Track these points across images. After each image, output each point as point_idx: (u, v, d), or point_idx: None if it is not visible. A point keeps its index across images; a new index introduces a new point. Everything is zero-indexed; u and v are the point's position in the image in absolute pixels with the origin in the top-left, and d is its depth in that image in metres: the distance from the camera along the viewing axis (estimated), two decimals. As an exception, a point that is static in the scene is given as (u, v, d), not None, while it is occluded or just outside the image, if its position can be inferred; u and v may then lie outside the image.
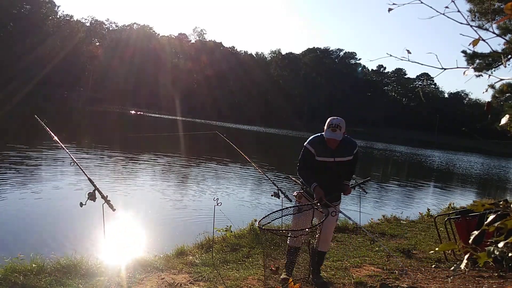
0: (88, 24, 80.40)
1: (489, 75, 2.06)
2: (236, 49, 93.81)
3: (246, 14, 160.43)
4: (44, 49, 60.62)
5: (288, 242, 3.86)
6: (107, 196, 3.75)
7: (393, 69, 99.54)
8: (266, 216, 3.75)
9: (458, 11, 1.54)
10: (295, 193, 4.10)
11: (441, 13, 1.56)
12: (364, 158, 32.09)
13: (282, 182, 13.00)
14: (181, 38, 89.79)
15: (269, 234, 3.82)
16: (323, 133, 3.82)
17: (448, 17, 1.57)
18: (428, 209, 9.43)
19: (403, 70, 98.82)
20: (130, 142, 18.89)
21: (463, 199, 14.44)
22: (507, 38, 7.86)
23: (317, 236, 3.84)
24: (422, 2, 1.61)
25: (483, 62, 9.07)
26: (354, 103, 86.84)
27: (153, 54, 79.09)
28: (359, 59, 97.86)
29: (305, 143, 3.88)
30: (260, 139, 37.58)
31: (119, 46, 75.12)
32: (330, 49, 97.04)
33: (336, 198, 3.96)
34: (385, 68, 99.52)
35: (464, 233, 5.12)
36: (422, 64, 1.73)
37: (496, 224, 1.42)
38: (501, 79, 1.61)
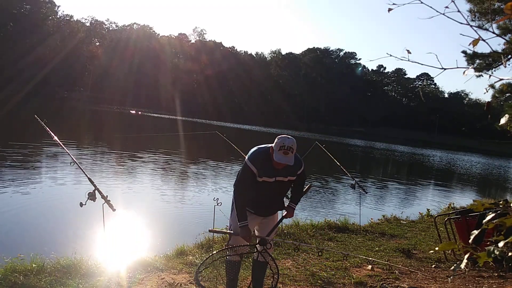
0: (88, 24, 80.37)
1: (489, 75, 2.06)
2: (236, 49, 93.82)
3: (246, 14, 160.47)
4: (44, 49, 60.56)
5: (227, 258, 3.41)
6: (107, 196, 3.75)
7: (393, 69, 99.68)
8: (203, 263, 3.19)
9: (458, 11, 1.54)
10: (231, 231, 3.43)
11: (441, 13, 1.56)
12: (364, 158, 32.08)
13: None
14: (181, 38, 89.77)
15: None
16: (268, 146, 3.29)
17: (448, 17, 1.57)
18: (428, 209, 9.45)
19: (403, 70, 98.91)
20: (130, 142, 18.89)
21: (463, 199, 14.44)
22: (507, 38, 7.86)
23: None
24: (422, 2, 1.61)
25: (483, 62, 9.06)
26: (354, 103, 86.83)
27: (153, 54, 79.07)
28: (359, 59, 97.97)
29: (247, 159, 3.26)
30: (260, 139, 37.57)
31: (119, 46, 75.09)
32: (330, 49, 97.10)
33: (270, 213, 3.47)
34: (385, 68, 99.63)
35: (464, 233, 5.12)
36: (422, 64, 1.73)
37: (495, 221, 1.42)
38: (501, 79, 1.61)
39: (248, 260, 4.73)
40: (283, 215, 3.53)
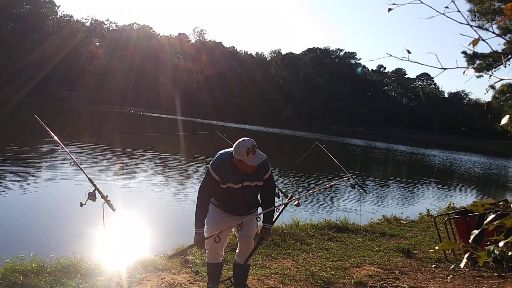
0: (88, 24, 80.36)
1: (490, 76, 2.06)
2: (236, 49, 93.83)
3: (246, 14, 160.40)
4: (44, 49, 60.55)
5: (207, 259, 3.42)
6: (107, 196, 3.75)
7: (393, 69, 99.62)
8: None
9: (458, 11, 1.54)
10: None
11: (441, 13, 1.56)
12: (365, 158, 32.08)
13: (282, 182, 13.01)
14: (181, 38, 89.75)
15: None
16: (230, 150, 3.24)
17: (448, 17, 1.57)
18: (428, 209, 9.45)
19: (403, 70, 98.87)
20: (130, 142, 18.88)
21: (463, 199, 14.45)
22: (507, 38, 7.85)
23: (237, 251, 3.46)
24: (422, 2, 1.61)
25: (483, 63, 9.06)
26: (354, 103, 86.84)
27: (153, 54, 79.05)
28: (359, 59, 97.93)
29: (210, 166, 3.22)
30: (260, 139, 37.60)
31: (119, 46, 75.08)
32: (330, 49, 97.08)
33: (245, 212, 3.34)
34: (385, 68, 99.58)
35: (464, 233, 5.12)
36: (422, 64, 1.73)
37: (495, 223, 1.42)
38: (501, 79, 1.61)
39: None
40: (261, 238, 3.38)
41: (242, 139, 3.10)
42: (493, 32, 1.61)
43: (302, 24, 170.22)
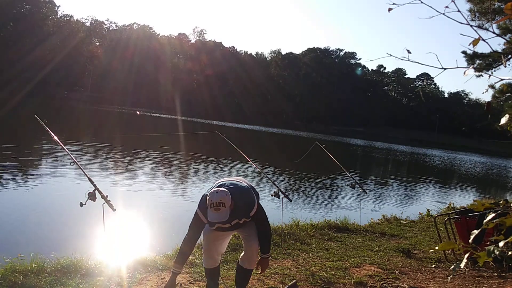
0: (88, 24, 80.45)
1: (489, 75, 2.06)
2: (236, 49, 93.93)
3: (246, 14, 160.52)
4: (44, 49, 60.58)
5: (203, 264, 3.38)
6: (107, 196, 3.75)
7: (393, 69, 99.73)
8: None
9: (458, 11, 1.54)
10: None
11: (441, 13, 1.56)
12: (365, 158, 32.08)
13: (282, 182, 13.01)
14: (181, 38, 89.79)
15: None
16: None
17: (448, 17, 1.57)
18: (428, 209, 9.45)
19: (403, 70, 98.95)
20: (130, 142, 18.89)
21: (463, 199, 14.45)
22: (507, 38, 7.86)
23: (242, 254, 3.40)
24: (422, 2, 1.61)
25: (483, 62, 9.06)
26: (354, 103, 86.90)
27: (153, 54, 79.10)
28: (359, 59, 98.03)
29: (197, 207, 3.11)
30: (260, 139, 37.59)
31: (119, 46, 75.13)
32: (330, 49, 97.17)
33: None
34: (385, 68, 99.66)
35: (464, 233, 5.12)
36: (422, 64, 1.73)
37: (495, 221, 1.42)
38: (501, 79, 1.61)
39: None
40: (259, 269, 3.34)
41: (220, 189, 2.93)
42: (493, 32, 1.61)
43: (302, 24, 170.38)
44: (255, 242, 3.22)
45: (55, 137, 4.26)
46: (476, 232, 1.50)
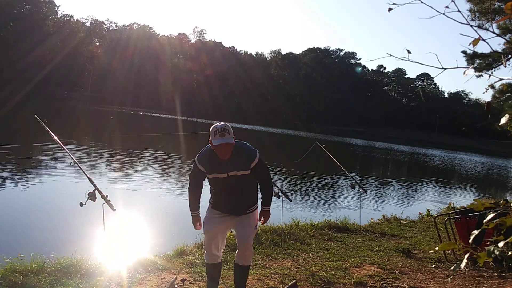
0: (88, 24, 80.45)
1: (489, 75, 2.06)
2: (236, 49, 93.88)
3: (246, 14, 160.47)
4: (44, 49, 60.61)
5: (205, 260, 3.44)
6: (107, 196, 3.75)
7: (393, 69, 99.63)
8: None
9: (458, 11, 1.54)
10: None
11: (441, 13, 1.56)
12: (365, 158, 32.09)
13: (282, 182, 13.01)
14: (181, 38, 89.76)
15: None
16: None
17: (448, 17, 1.57)
18: (428, 209, 9.45)
19: (403, 70, 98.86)
20: (130, 142, 18.88)
21: (463, 199, 14.44)
22: (507, 38, 7.85)
23: (236, 252, 3.42)
24: (422, 2, 1.61)
25: (483, 62, 9.05)
26: (354, 103, 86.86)
27: (153, 54, 79.08)
28: (359, 59, 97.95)
29: (195, 158, 3.30)
30: (260, 138, 37.57)
31: (119, 46, 75.11)
32: (330, 49, 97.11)
33: (242, 212, 3.32)
34: (385, 68, 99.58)
35: (464, 233, 5.12)
36: (422, 64, 1.73)
37: (495, 221, 1.42)
38: (501, 79, 1.61)
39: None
40: (260, 221, 3.44)
41: (218, 122, 3.21)
42: (493, 32, 1.61)
43: (302, 24, 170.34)
44: (249, 238, 3.30)
45: (55, 137, 4.27)
46: (476, 232, 1.50)
